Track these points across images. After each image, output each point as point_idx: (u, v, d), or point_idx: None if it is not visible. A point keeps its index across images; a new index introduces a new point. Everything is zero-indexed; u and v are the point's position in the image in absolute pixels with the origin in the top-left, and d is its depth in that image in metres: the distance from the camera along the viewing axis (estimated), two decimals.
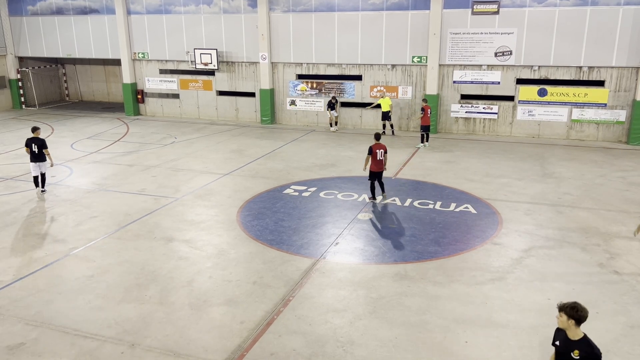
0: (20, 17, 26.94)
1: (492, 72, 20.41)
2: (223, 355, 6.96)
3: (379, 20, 21.19)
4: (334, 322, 7.71)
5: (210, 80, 24.52)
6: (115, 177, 15.33)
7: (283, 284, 8.87)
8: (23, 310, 8.09)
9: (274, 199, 13.27)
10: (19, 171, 15.78)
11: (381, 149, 12.67)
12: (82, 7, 25.62)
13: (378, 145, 12.66)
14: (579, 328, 4.88)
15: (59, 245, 10.49)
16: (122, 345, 7.20)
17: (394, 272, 9.28)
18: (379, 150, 12.63)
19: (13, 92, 28.06)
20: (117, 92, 29.88)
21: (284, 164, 16.58)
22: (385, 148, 12.80)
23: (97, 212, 12.40)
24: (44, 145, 13.49)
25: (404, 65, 21.42)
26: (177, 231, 11.22)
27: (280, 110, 23.78)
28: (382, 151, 12.68)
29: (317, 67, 22.67)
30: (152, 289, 8.73)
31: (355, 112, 22.70)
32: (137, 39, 24.97)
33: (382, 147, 12.70)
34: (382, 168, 12.84)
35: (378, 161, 12.67)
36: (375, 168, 12.73)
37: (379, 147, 12.64)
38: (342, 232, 11.06)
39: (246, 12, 22.91)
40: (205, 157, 17.60)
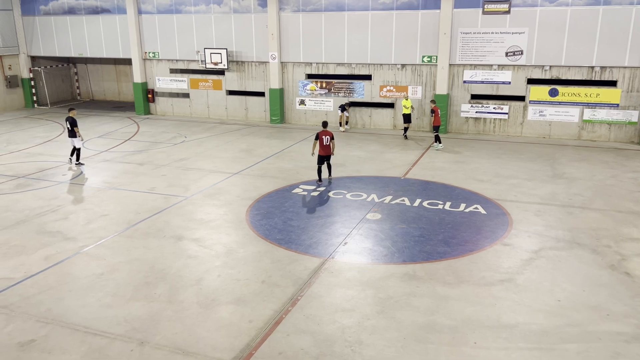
0: (33, 16, 27.20)
1: (503, 72, 20.29)
2: (231, 353, 6.98)
3: (389, 19, 21.14)
4: (342, 322, 7.70)
5: (220, 80, 24.60)
6: (125, 175, 15.43)
7: (291, 283, 8.88)
8: (34, 307, 8.17)
9: (283, 198, 13.29)
10: (31, 169, 15.93)
11: (327, 136, 14.29)
12: (94, 6, 25.81)
13: (324, 132, 14.33)
14: None
15: (70, 243, 10.58)
16: (132, 343, 7.25)
17: (403, 272, 9.26)
18: (325, 137, 14.25)
19: (25, 91, 28.33)
20: (128, 91, 30.07)
21: (293, 164, 16.59)
22: (331, 135, 14.41)
23: (107, 210, 12.49)
24: (74, 123, 16.08)
25: (414, 65, 21.35)
26: (187, 230, 11.27)
27: (290, 109, 23.80)
28: (328, 137, 14.30)
29: (327, 67, 22.67)
30: (162, 287, 8.77)
31: (365, 112, 22.66)
32: (148, 38, 25.11)
33: (328, 133, 14.35)
34: (329, 152, 14.46)
35: (325, 146, 14.32)
36: (322, 152, 14.37)
37: (325, 134, 14.28)
38: (350, 232, 11.05)
39: (256, 12, 22.95)
40: (214, 156, 17.66)
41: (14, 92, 27.88)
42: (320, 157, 14.45)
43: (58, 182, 14.67)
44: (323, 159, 14.52)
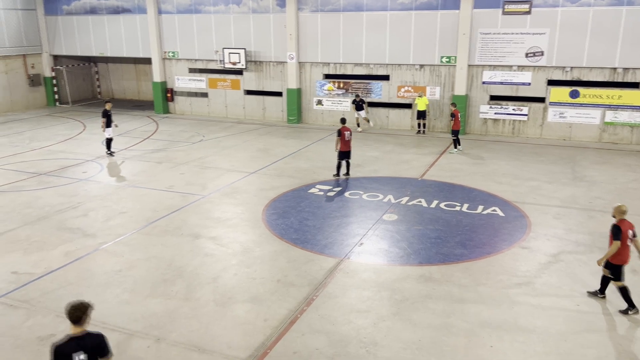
0: (56, 16, 27.65)
1: (523, 73, 20.05)
2: (247, 352, 7.02)
3: (408, 20, 21.04)
4: (357, 323, 7.69)
5: (238, 80, 24.74)
6: (144, 173, 15.60)
7: (307, 283, 8.89)
8: (54, 302, 8.31)
9: (299, 198, 13.31)
10: (53, 167, 16.20)
11: (348, 131, 14.63)
12: (115, 6, 26.15)
13: (345, 128, 14.63)
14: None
15: (89, 240, 10.73)
16: (148, 339, 7.32)
17: (419, 274, 9.21)
18: (347, 132, 14.58)
19: (47, 89, 28.82)
20: (147, 90, 30.40)
21: (310, 164, 16.61)
22: (351, 130, 14.86)
23: (126, 208, 12.64)
24: (103, 114, 17.39)
25: (433, 65, 21.22)
26: (204, 228, 11.35)
27: (307, 109, 23.84)
28: (349, 133, 14.63)
29: (344, 67, 22.65)
30: (179, 285, 8.85)
31: (382, 112, 22.59)
32: (168, 38, 25.36)
33: (348, 129, 14.70)
34: (350, 148, 14.77)
35: (346, 141, 14.60)
36: (345, 148, 14.64)
37: (346, 129, 14.59)
38: (366, 233, 11.02)
39: (275, 12, 23.03)
40: (232, 155, 17.77)
41: (36, 90, 28.38)
42: (342, 153, 14.70)
43: (78, 180, 14.90)
44: (344, 155, 14.76)
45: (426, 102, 20.71)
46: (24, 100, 27.72)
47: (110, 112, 17.48)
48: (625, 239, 7.65)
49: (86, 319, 5.13)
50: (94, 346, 5.08)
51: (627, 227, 7.72)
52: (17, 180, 14.84)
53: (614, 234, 7.73)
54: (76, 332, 5.04)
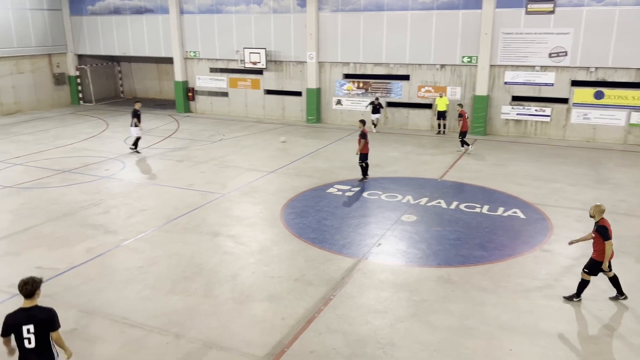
0: (81, 16, 28.14)
1: (546, 74, 19.76)
2: (264, 350, 7.05)
3: (429, 19, 20.90)
4: (375, 323, 7.67)
5: (259, 79, 24.86)
6: (165, 172, 15.78)
7: (324, 282, 8.90)
8: (76, 297, 8.46)
9: (318, 197, 13.33)
10: (76, 164, 16.49)
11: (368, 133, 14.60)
12: (138, 6, 26.50)
13: (367, 130, 14.64)
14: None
15: (111, 237, 10.90)
16: (168, 335, 7.41)
17: (437, 275, 9.15)
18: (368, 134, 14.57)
19: (72, 88, 29.34)
20: (169, 89, 30.73)
21: (328, 163, 16.62)
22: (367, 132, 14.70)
23: (147, 205, 12.80)
24: (132, 115, 17.78)
25: (454, 65, 21.05)
26: (223, 226, 11.44)
27: (326, 109, 23.84)
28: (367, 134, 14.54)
29: (364, 67, 22.60)
30: (198, 282, 8.94)
31: (402, 113, 22.48)
32: (189, 38, 25.60)
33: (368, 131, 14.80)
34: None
35: (367, 143, 14.50)
36: (366, 150, 14.51)
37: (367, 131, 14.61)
38: (385, 233, 10.99)
39: (295, 12, 23.09)
40: (251, 154, 17.87)
41: (61, 89, 28.92)
42: (364, 154, 14.53)
43: (101, 177, 15.14)
44: (366, 157, 14.61)
45: (446, 102, 20.56)
46: (49, 98, 28.26)
47: (139, 112, 17.87)
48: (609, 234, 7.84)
49: (37, 293, 5.39)
50: (44, 320, 5.32)
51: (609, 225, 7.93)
52: (42, 177, 15.15)
53: (603, 234, 7.84)
54: (27, 305, 5.33)
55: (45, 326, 5.32)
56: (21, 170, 15.79)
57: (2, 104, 25.84)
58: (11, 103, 26.32)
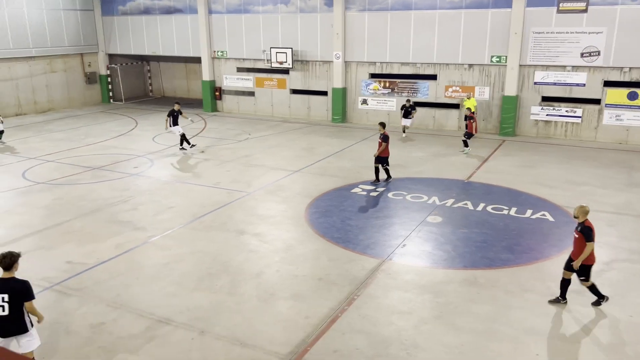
0: (112, 16, 28.72)
1: (577, 74, 19.33)
2: (287, 348, 7.09)
3: (457, 18, 20.67)
4: (399, 324, 7.63)
5: (285, 79, 24.97)
6: (192, 170, 15.99)
7: (348, 282, 8.89)
8: (104, 292, 8.64)
9: (342, 197, 13.31)
10: (106, 161, 16.83)
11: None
12: (167, 7, 26.90)
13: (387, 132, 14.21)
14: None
15: (139, 233, 11.10)
16: (193, 331, 7.51)
17: (463, 277, 9.04)
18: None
19: (103, 87, 29.98)
20: (196, 89, 31.11)
21: (353, 163, 16.58)
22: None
23: (174, 202, 12.99)
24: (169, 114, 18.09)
25: (482, 65, 20.77)
26: (248, 224, 11.54)
27: (352, 109, 23.80)
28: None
29: (391, 66, 22.48)
30: (223, 279, 9.03)
31: (429, 113, 22.29)
32: (217, 37, 25.87)
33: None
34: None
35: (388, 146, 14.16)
36: (387, 153, 14.24)
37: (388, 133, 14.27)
38: (409, 234, 10.91)
39: (322, 12, 23.11)
40: (276, 154, 17.96)
41: (92, 87, 29.57)
42: (384, 158, 14.29)
43: (129, 174, 15.43)
44: (386, 160, 14.42)
45: (474, 103, 20.19)
46: (80, 97, 28.93)
47: (177, 113, 17.98)
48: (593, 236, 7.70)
49: (15, 266, 5.97)
50: (18, 290, 5.85)
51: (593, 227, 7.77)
52: (73, 173, 15.51)
53: (587, 234, 7.68)
54: (4, 276, 5.91)
55: (19, 295, 5.86)
56: (53, 167, 16.20)
57: (36, 102, 26.56)
58: (45, 101, 27.04)
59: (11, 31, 25.00)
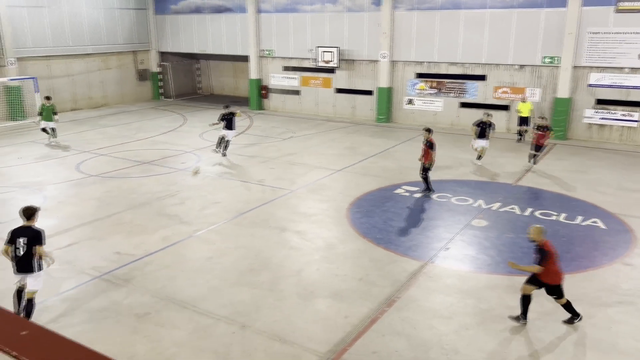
0: (164, 15, 29.54)
1: (636, 76, 18.46)
2: (326, 347, 7.11)
3: (509, 18, 20.14)
4: (440, 329, 7.52)
5: (330, 78, 25.01)
6: (237, 167, 16.26)
7: (389, 283, 8.83)
8: (151, 283, 8.92)
9: (384, 198, 13.22)
10: (155, 156, 17.34)
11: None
12: (218, 6, 27.44)
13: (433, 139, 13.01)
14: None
15: (184, 227, 11.38)
16: (234, 325, 7.64)
17: (507, 284, 8.82)
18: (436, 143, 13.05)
19: (154, 84, 30.89)
20: (243, 87, 31.60)
21: (397, 164, 16.44)
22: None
23: (219, 198, 13.25)
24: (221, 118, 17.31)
25: (533, 66, 20.16)
26: (290, 222, 11.63)
27: (397, 109, 23.60)
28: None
29: (438, 66, 22.14)
30: (264, 275, 9.15)
31: (476, 114, 21.81)
32: (265, 36, 26.19)
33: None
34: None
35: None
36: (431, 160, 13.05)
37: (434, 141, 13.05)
38: (453, 237, 10.73)
39: (369, 11, 23.01)
40: (320, 152, 18.02)
41: (143, 84, 30.52)
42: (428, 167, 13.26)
43: (177, 170, 15.84)
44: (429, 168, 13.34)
45: (530, 107, 19.27)
46: (132, 93, 29.91)
47: (229, 116, 17.15)
48: (554, 258, 7.22)
49: (34, 218, 7.48)
50: (33, 236, 7.31)
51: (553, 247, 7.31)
52: (124, 167, 16.07)
53: (542, 258, 7.19)
54: (25, 224, 7.43)
55: (33, 240, 7.28)
56: (105, 161, 16.82)
57: (90, 97, 27.65)
58: (99, 97, 28.11)
59: (70, 29, 26.12)
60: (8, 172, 15.48)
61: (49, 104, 19.05)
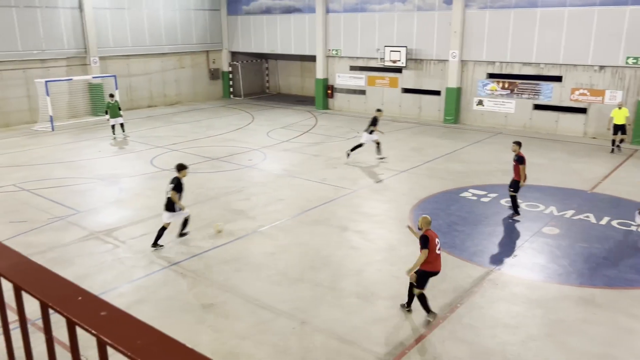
0: (236, 16, 30.39)
1: None
2: (385, 348, 7.06)
3: (589, 16, 19.10)
4: (504, 338, 7.27)
5: (397, 78, 24.76)
6: (301, 165, 16.46)
7: (452, 289, 8.63)
8: (216, 275, 9.21)
9: (450, 201, 12.93)
10: (223, 153, 17.89)
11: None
12: (287, 6, 27.89)
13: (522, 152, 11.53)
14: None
15: (249, 222, 11.67)
16: (294, 321, 7.75)
17: (579, 295, 8.38)
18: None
19: (224, 83, 31.86)
20: (310, 86, 31.93)
21: (464, 166, 16.03)
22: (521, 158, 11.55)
23: (283, 195, 13.47)
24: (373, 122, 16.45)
25: (615, 67, 19.00)
26: (352, 221, 11.63)
27: (466, 110, 22.99)
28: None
29: (511, 66, 21.36)
30: (325, 273, 9.21)
31: (551, 116, 20.87)
32: (333, 36, 26.32)
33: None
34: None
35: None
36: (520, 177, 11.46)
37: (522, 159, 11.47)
38: (522, 245, 10.32)
39: (440, 9, 22.57)
40: (384, 152, 17.86)
41: (215, 83, 31.54)
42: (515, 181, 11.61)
43: (244, 166, 16.26)
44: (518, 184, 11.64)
45: (626, 114, 17.41)
46: (204, 92, 31.00)
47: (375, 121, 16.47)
48: (434, 247, 7.57)
49: (182, 172, 10.14)
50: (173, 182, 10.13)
51: (434, 236, 7.66)
52: (194, 163, 16.67)
53: (422, 243, 7.57)
54: (175, 176, 10.14)
55: (172, 186, 10.04)
56: (177, 156, 17.54)
57: (165, 95, 28.93)
58: (173, 95, 29.35)
59: (148, 30, 27.44)
60: (89, 165, 16.50)
61: (113, 101, 20.12)
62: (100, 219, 11.84)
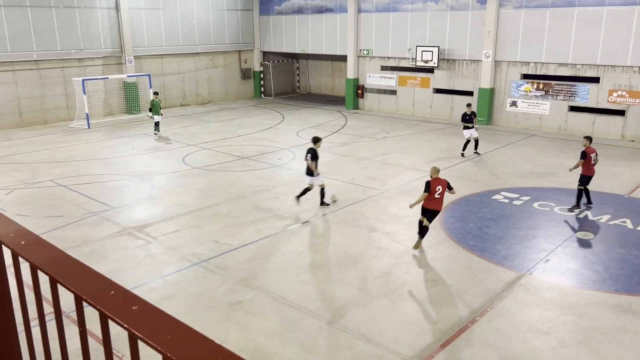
0: (268, 16, 30.61)
1: None
2: (412, 351, 7.00)
3: (630, 16, 18.52)
4: (534, 344, 7.12)
5: (428, 78, 24.52)
6: (330, 165, 16.46)
7: (481, 293, 8.50)
8: (244, 272, 9.30)
9: (481, 203, 12.73)
10: (254, 152, 18.04)
11: (594, 153, 12.00)
12: (319, 6, 27.93)
13: (591, 149, 11.98)
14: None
15: (278, 221, 11.74)
16: (321, 320, 7.76)
17: (614, 302, 8.14)
18: (593, 154, 11.95)
19: (255, 82, 32.14)
20: (340, 86, 31.93)
21: (496, 168, 15.75)
22: (595, 151, 12.12)
23: (311, 195, 13.48)
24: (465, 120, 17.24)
25: None
26: (380, 222, 11.58)
27: (499, 111, 22.60)
28: (594, 155, 11.98)
29: (547, 67, 20.90)
30: (352, 274, 9.19)
31: (587, 118, 20.34)
32: (364, 36, 26.24)
33: (594, 150, 12.06)
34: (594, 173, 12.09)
35: (593, 165, 11.98)
36: (588, 172, 11.98)
37: (592, 151, 11.97)
38: (555, 249, 10.09)
39: (474, 9, 22.24)
40: (414, 153, 17.73)
41: (246, 83, 31.85)
42: (587, 178, 11.98)
43: (274, 165, 16.37)
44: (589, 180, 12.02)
45: None
46: (236, 91, 31.33)
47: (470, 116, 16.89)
48: (434, 191, 9.68)
49: (317, 144, 12.15)
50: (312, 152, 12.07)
51: (436, 184, 9.76)
52: (225, 161, 16.89)
53: (425, 187, 9.81)
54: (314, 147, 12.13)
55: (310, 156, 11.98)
56: (209, 154, 17.79)
57: (198, 94, 29.36)
58: (205, 94, 29.76)
59: (182, 30, 27.90)
60: (123, 162, 16.89)
61: (157, 99, 20.52)
62: (133, 215, 12.10)
